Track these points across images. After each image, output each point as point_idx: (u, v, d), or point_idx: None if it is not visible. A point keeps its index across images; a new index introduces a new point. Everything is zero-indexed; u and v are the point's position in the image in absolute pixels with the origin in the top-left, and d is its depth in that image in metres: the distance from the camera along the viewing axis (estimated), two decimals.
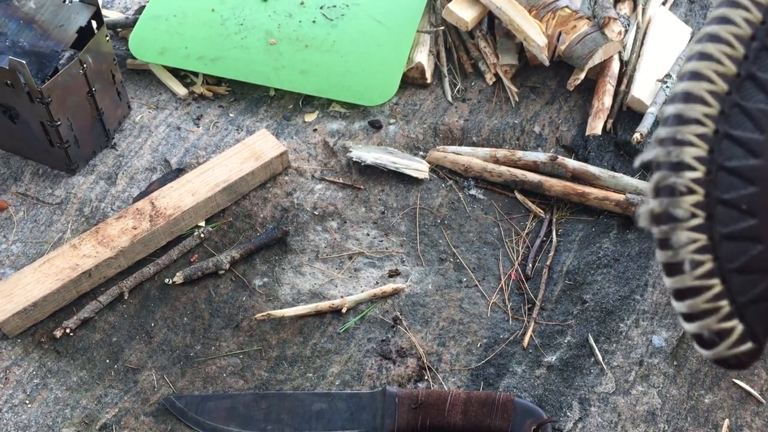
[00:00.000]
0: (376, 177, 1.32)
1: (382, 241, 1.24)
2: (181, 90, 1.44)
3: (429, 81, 1.45)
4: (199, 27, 1.47)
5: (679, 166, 0.27)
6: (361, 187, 1.31)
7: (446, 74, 1.46)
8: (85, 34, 1.25)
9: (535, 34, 1.38)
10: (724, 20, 0.28)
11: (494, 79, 1.45)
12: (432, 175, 1.33)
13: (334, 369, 1.09)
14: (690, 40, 1.51)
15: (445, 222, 1.27)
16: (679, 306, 0.28)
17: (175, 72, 1.47)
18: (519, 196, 1.30)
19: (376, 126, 1.39)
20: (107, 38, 1.27)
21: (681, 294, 0.28)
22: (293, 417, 1.03)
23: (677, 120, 0.27)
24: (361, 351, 1.11)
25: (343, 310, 1.14)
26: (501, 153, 1.33)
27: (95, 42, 1.24)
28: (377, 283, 1.19)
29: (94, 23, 1.27)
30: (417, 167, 1.31)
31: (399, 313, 1.15)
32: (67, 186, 1.30)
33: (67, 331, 1.11)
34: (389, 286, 1.16)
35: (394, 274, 1.20)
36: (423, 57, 1.44)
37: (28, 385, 1.07)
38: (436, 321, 1.14)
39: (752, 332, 0.28)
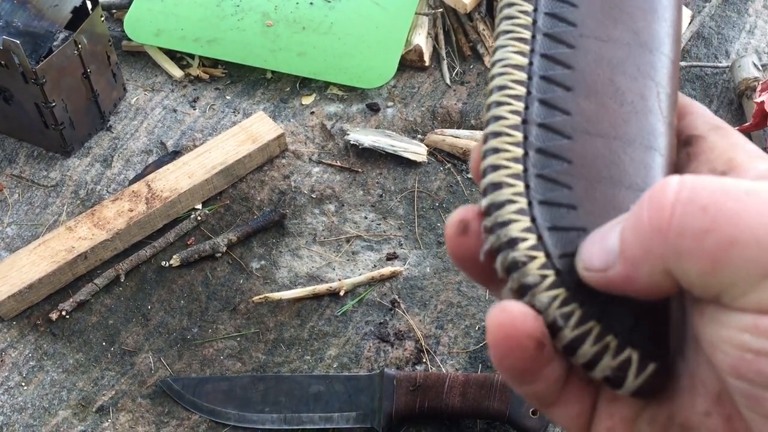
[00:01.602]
0: (374, 160, 1.31)
1: (379, 224, 1.24)
2: (177, 72, 1.43)
3: (427, 64, 1.44)
4: (195, 8, 1.45)
5: (513, 242, 0.30)
6: (359, 170, 1.30)
7: (445, 57, 1.45)
8: (79, 15, 1.23)
9: None
10: (496, 118, 0.33)
11: None
12: (430, 158, 1.32)
13: (332, 352, 1.09)
14: (688, 24, 1.50)
15: (444, 205, 1.27)
16: (575, 360, 0.30)
17: (171, 54, 1.46)
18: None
19: (373, 109, 1.38)
20: (102, 19, 1.26)
21: (569, 349, 0.30)
22: (291, 399, 1.02)
23: (493, 208, 0.30)
24: (358, 334, 1.10)
25: (341, 293, 1.14)
26: None
27: (90, 23, 1.23)
28: (375, 266, 1.18)
29: (89, 4, 1.25)
30: (415, 150, 1.31)
31: (397, 296, 1.14)
32: (63, 168, 1.29)
33: (63, 313, 1.10)
34: (387, 269, 1.16)
35: (392, 257, 1.19)
36: (421, 39, 1.43)
37: (24, 368, 1.06)
38: (434, 304, 1.14)
39: (648, 353, 0.30)
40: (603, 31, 0.35)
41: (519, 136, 0.32)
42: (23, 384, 1.05)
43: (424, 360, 1.08)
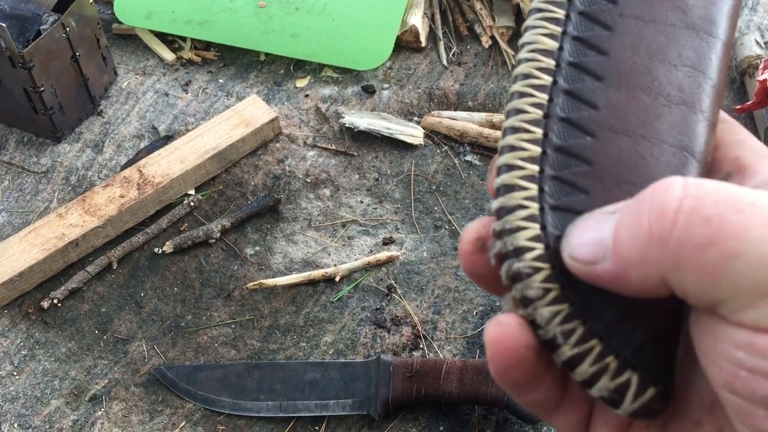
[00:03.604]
0: (370, 143, 1.29)
1: (376, 208, 1.22)
2: (168, 55, 1.41)
3: (423, 44, 1.41)
4: None
5: (518, 251, 0.28)
6: (355, 153, 1.28)
7: (441, 37, 1.42)
8: None
9: None
10: (517, 111, 0.31)
11: (490, 42, 1.42)
12: (427, 140, 1.30)
13: (328, 338, 1.07)
14: None
15: (441, 189, 1.24)
16: (572, 375, 0.29)
17: (162, 37, 1.43)
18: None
19: (369, 91, 1.35)
20: (91, 1, 1.23)
21: (567, 365, 0.29)
22: (286, 386, 1.01)
23: (503, 212, 0.29)
24: (355, 320, 1.09)
25: (337, 279, 1.12)
26: (497, 118, 1.30)
27: (78, 5, 1.20)
28: (371, 251, 1.17)
29: None
30: (411, 133, 1.28)
31: (393, 282, 1.13)
32: (53, 154, 1.26)
33: (55, 301, 1.09)
34: (383, 254, 1.14)
35: (388, 241, 1.18)
36: (417, 20, 1.40)
37: (15, 357, 1.05)
38: (432, 289, 1.12)
39: (650, 377, 0.28)
40: (646, 10, 0.31)
41: (539, 132, 0.30)
42: (15, 373, 1.04)
43: (421, 346, 1.06)
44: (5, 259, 1.09)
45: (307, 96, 1.35)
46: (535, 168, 0.29)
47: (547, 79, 0.31)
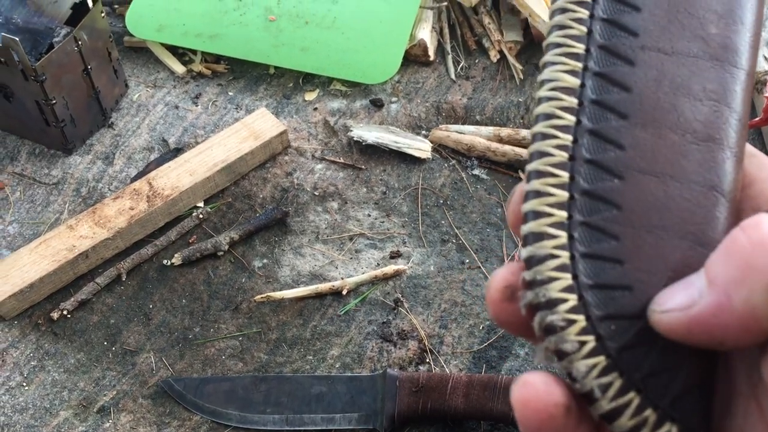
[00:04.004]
0: (378, 156, 1.30)
1: (383, 221, 1.22)
2: (179, 68, 1.42)
3: (432, 58, 1.42)
4: (197, 3, 1.44)
5: (551, 303, 0.27)
6: (362, 166, 1.29)
7: (449, 51, 1.43)
8: (80, 11, 1.22)
9: (540, 9, 1.34)
10: (541, 154, 0.30)
11: (498, 56, 1.42)
12: (434, 154, 1.30)
13: (335, 351, 1.08)
14: None
15: (448, 202, 1.25)
16: (611, 428, 0.28)
17: (173, 49, 1.45)
18: (523, 176, 1.28)
19: (377, 104, 1.36)
20: (103, 15, 1.25)
21: (606, 418, 0.28)
22: (293, 400, 1.01)
23: (533, 261, 0.28)
24: (361, 333, 1.09)
25: (344, 292, 1.12)
26: (505, 132, 1.30)
27: (90, 18, 1.21)
28: (378, 264, 1.17)
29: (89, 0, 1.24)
30: (419, 146, 1.29)
31: (400, 295, 1.13)
32: (64, 166, 1.28)
33: (65, 312, 1.10)
34: (390, 268, 1.15)
35: (395, 255, 1.18)
36: (426, 34, 1.41)
37: (25, 368, 1.06)
38: (438, 303, 1.13)
39: (689, 428, 0.28)
40: (667, 42, 0.30)
41: (565, 176, 0.29)
42: (24, 384, 1.04)
43: (427, 360, 1.07)
44: (16, 270, 1.10)
45: (315, 109, 1.36)
46: (564, 214, 0.28)
47: (570, 119, 0.30)
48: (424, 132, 1.34)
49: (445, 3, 1.46)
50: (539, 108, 0.30)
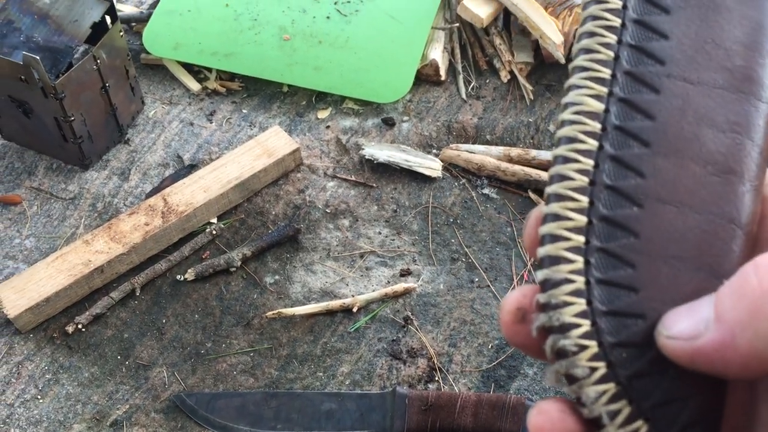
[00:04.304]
0: (389, 175, 1.31)
1: (393, 239, 1.24)
2: (194, 85, 1.44)
3: (443, 78, 1.44)
4: (213, 22, 1.46)
5: (564, 328, 0.28)
6: (374, 185, 1.30)
7: (461, 71, 1.45)
8: (99, 29, 1.25)
9: (551, 31, 1.36)
10: (561, 178, 0.30)
11: (509, 77, 1.44)
12: (445, 173, 1.32)
13: (345, 368, 1.09)
14: None
15: (458, 221, 1.26)
16: None
17: (189, 67, 1.47)
18: (533, 196, 1.29)
19: (389, 123, 1.38)
20: (121, 33, 1.27)
21: None
22: (303, 416, 1.03)
23: (548, 285, 0.28)
24: (371, 351, 1.10)
25: (354, 309, 1.14)
26: (515, 152, 1.32)
27: (109, 37, 1.24)
28: (389, 282, 1.18)
29: (108, 18, 1.27)
30: (430, 165, 1.31)
31: (410, 313, 1.14)
32: (81, 181, 1.30)
33: (79, 326, 1.12)
34: (400, 286, 1.16)
35: (405, 273, 1.19)
36: (437, 54, 1.43)
37: (40, 381, 1.07)
38: (448, 321, 1.14)
39: None
40: (693, 71, 0.30)
41: (584, 201, 0.29)
42: (39, 397, 1.06)
43: (436, 378, 1.08)
44: (33, 284, 1.12)
45: (328, 127, 1.38)
46: (581, 239, 0.28)
47: (593, 144, 0.30)
48: (434, 151, 1.36)
49: (457, 24, 1.48)
50: (562, 131, 0.30)
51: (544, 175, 1.28)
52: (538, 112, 1.40)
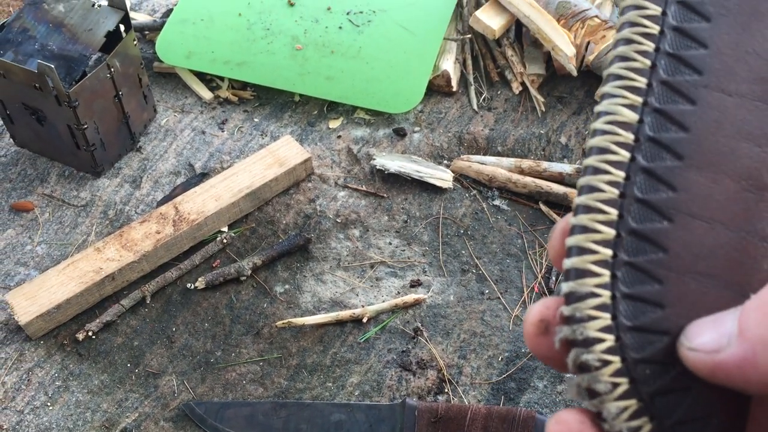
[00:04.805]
0: (400, 185, 1.31)
1: (404, 250, 1.24)
2: (206, 94, 1.45)
3: (455, 89, 1.44)
4: (225, 31, 1.47)
5: (588, 342, 0.27)
6: (384, 195, 1.30)
7: (472, 82, 1.45)
8: (113, 38, 1.26)
9: (563, 43, 1.36)
10: (591, 189, 0.29)
11: (521, 89, 1.44)
12: (456, 184, 1.32)
13: (354, 379, 1.09)
14: None
15: (468, 232, 1.26)
16: None
17: (201, 76, 1.48)
18: (544, 208, 1.29)
19: (400, 134, 1.38)
20: (135, 42, 1.28)
21: None
22: (312, 427, 1.02)
23: (573, 298, 0.28)
24: (381, 361, 1.10)
25: (364, 320, 1.14)
26: (526, 163, 1.31)
27: (123, 46, 1.25)
28: (399, 292, 1.18)
29: (122, 27, 1.28)
30: (441, 176, 1.31)
31: (420, 324, 1.14)
32: (92, 188, 1.30)
33: (90, 334, 1.12)
34: (411, 297, 1.16)
35: (415, 284, 1.19)
36: (449, 65, 1.43)
37: (50, 388, 1.08)
38: (458, 333, 1.13)
39: None
40: (732, 82, 0.29)
41: (614, 213, 0.28)
42: (49, 404, 1.06)
43: (446, 390, 1.07)
44: (44, 291, 1.12)
45: (339, 137, 1.38)
46: (609, 252, 0.28)
47: (625, 155, 0.29)
48: (445, 162, 1.36)
49: (469, 35, 1.48)
50: (594, 140, 0.30)
51: (555, 187, 1.27)
52: (550, 123, 1.39)
